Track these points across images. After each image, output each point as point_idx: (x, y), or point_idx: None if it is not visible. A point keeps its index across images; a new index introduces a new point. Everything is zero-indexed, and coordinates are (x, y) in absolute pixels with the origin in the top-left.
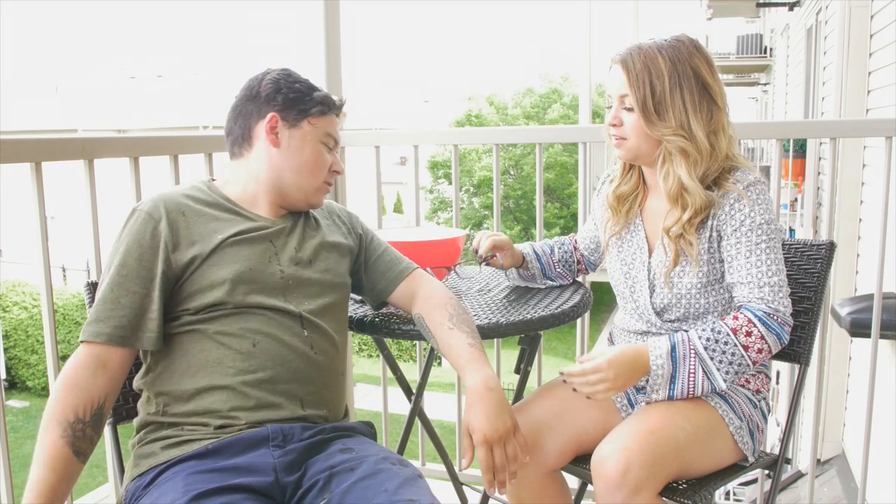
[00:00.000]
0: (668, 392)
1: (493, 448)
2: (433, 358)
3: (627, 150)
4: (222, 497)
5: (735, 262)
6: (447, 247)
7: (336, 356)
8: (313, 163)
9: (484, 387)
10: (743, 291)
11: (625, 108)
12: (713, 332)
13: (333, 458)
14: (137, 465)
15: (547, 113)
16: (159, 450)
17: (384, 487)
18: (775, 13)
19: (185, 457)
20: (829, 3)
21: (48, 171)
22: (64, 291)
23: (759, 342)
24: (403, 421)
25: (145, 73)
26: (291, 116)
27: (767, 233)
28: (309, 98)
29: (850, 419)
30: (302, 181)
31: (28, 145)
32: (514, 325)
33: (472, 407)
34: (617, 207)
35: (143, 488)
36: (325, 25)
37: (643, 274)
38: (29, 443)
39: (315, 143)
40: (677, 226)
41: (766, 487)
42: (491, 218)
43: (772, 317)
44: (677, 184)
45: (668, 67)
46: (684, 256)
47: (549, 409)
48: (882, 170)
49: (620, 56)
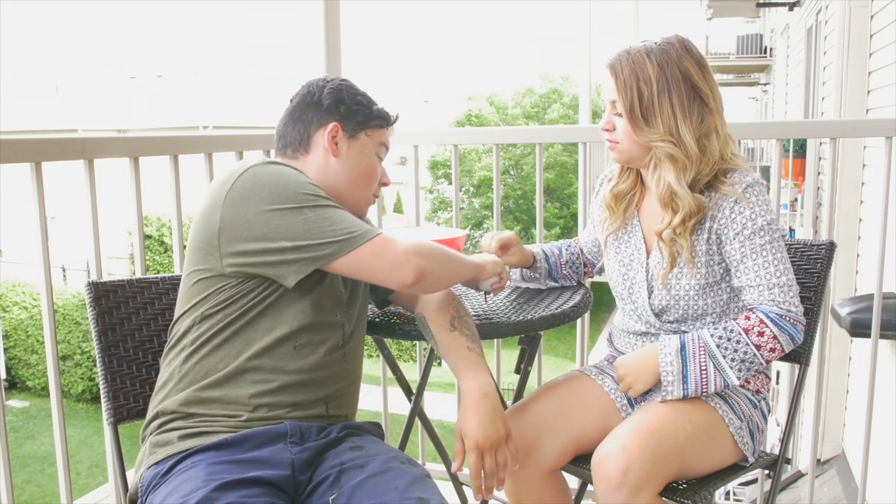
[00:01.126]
0: (682, 390)
1: (485, 455)
2: (433, 358)
3: (620, 153)
4: (243, 489)
5: (742, 266)
6: (447, 247)
7: (359, 362)
8: (369, 174)
9: (480, 393)
10: (753, 294)
11: (616, 114)
12: (725, 331)
13: (343, 455)
14: (154, 452)
15: (547, 113)
16: (176, 439)
17: (394, 485)
18: (775, 13)
19: (203, 447)
20: (829, 3)
21: (48, 171)
22: (64, 291)
23: (772, 342)
24: (403, 421)
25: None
26: (351, 127)
27: (770, 233)
28: (369, 111)
29: (850, 419)
30: (356, 191)
31: (28, 145)
32: (514, 325)
33: (466, 412)
34: (614, 206)
35: (160, 476)
36: (325, 25)
37: (641, 275)
38: (29, 443)
39: (371, 154)
40: (668, 230)
41: (766, 487)
42: (491, 218)
43: (784, 317)
44: (667, 189)
45: (656, 72)
46: (680, 259)
47: (549, 409)
48: (882, 170)
49: (609, 61)
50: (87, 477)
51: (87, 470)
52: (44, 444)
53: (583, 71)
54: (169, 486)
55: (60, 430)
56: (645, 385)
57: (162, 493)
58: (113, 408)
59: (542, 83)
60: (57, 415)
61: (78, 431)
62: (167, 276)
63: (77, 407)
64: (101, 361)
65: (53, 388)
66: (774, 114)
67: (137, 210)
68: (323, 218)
